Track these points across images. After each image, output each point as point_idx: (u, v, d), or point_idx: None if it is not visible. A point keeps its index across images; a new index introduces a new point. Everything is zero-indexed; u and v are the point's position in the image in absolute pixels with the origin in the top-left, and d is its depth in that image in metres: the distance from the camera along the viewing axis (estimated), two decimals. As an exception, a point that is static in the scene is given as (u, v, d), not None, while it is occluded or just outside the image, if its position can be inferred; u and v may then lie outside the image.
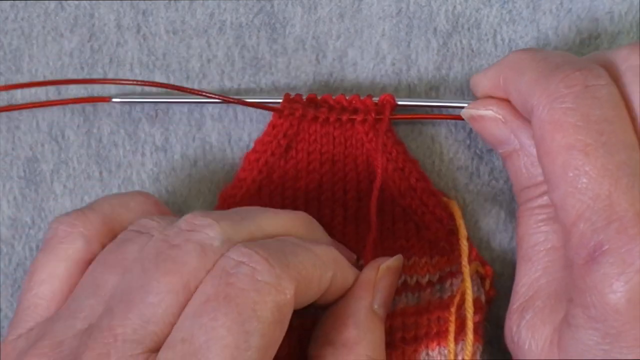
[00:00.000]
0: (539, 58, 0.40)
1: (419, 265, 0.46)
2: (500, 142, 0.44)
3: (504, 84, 0.42)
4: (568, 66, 0.39)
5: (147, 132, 0.49)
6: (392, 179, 0.46)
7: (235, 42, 0.49)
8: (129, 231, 0.40)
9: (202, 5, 0.49)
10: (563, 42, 0.48)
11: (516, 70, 0.41)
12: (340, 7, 0.49)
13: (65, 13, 0.49)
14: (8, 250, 0.49)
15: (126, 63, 0.49)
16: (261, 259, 0.36)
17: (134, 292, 0.36)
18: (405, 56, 0.49)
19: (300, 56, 0.49)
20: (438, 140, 0.48)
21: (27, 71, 0.49)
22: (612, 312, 0.35)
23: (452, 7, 0.49)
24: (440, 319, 0.43)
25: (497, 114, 0.43)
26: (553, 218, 0.42)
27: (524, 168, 0.43)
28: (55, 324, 0.38)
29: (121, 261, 0.39)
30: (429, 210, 0.46)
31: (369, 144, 0.46)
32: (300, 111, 0.46)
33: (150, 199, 0.43)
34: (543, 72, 0.39)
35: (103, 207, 0.42)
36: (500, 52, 0.48)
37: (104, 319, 0.36)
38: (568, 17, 0.48)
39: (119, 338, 0.35)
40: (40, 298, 0.39)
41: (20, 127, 0.49)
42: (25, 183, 0.49)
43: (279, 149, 0.46)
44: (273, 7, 0.49)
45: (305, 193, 0.46)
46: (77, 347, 0.36)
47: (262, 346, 0.35)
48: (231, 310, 0.35)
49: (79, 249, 0.40)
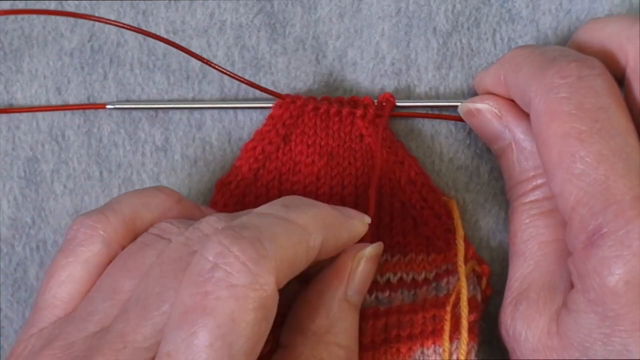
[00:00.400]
0: (536, 53, 0.41)
1: (416, 262, 0.46)
2: (495, 137, 0.44)
3: (504, 80, 0.43)
4: (563, 59, 0.39)
5: (147, 132, 0.49)
6: (392, 171, 0.46)
7: (235, 42, 0.49)
8: (148, 234, 0.40)
9: (202, 5, 0.49)
10: (562, 42, 0.48)
11: (514, 66, 0.42)
12: (340, 7, 0.49)
13: (65, 13, 0.49)
14: (8, 250, 0.49)
15: (126, 63, 0.49)
16: (235, 261, 0.35)
17: (150, 299, 0.36)
18: (405, 56, 0.49)
19: (300, 56, 0.49)
20: (438, 139, 0.49)
21: (27, 71, 0.49)
22: (610, 295, 0.35)
23: (451, 6, 0.49)
24: (436, 317, 0.43)
25: (492, 108, 0.44)
26: (545, 212, 0.43)
27: (517, 162, 0.43)
28: (69, 325, 0.38)
29: (139, 266, 0.38)
30: (427, 205, 0.46)
31: (369, 138, 0.46)
32: (301, 100, 0.46)
33: (173, 197, 0.43)
34: (539, 65, 0.40)
35: (123, 208, 0.41)
36: (500, 51, 0.48)
37: (118, 323, 0.36)
38: (567, 18, 0.49)
39: (129, 345, 0.35)
40: (57, 299, 0.40)
41: (20, 127, 0.49)
42: (25, 183, 0.49)
43: (276, 138, 0.46)
44: (273, 7, 0.49)
45: (304, 186, 0.46)
46: (88, 350, 0.36)
47: (247, 349, 0.35)
48: (210, 323, 0.34)
49: (98, 252, 0.40)
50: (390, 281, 0.46)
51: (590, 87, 0.38)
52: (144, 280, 0.37)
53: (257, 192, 0.46)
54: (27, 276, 0.49)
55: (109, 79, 0.49)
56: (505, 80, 0.43)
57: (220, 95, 0.49)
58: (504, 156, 0.44)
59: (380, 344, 0.43)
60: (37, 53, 0.49)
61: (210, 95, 0.49)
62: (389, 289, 0.46)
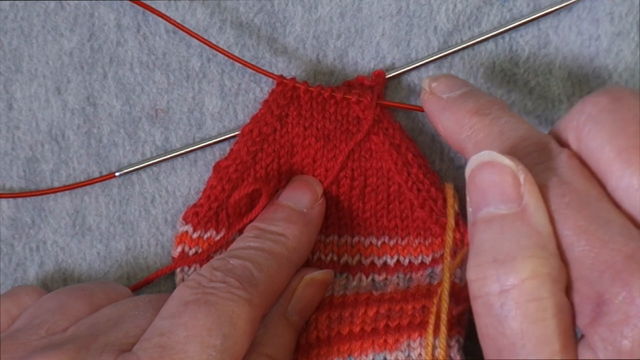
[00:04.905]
0: (495, 132, 0.40)
1: (413, 245, 0.46)
2: (505, 200, 0.37)
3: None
4: (521, 145, 0.39)
5: (147, 132, 0.49)
6: (388, 153, 0.46)
7: (235, 41, 0.49)
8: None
9: (202, 5, 0.49)
10: (563, 42, 0.48)
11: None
12: (341, 6, 0.49)
13: (65, 12, 0.49)
14: (8, 250, 0.49)
15: (126, 62, 0.49)
16: (234, 281, 0.40)
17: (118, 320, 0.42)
18: (406, 55, 0.49)
19: (301, 55, 0.49)
20: (438, 139, 0.48)
21: (27, 71, 0.49)
22: (629, 357, 0.34)
23: (452, 5, 0.49)
24: (425, 308, 0.44)
25: (518, 170, 0.37)
26: None
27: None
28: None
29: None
30: (424, 188, 0.46)
31: (365, 121, 0.46)
32: (293, 82, 0.46)
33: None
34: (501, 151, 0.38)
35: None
36: (501, 51, 0.48)
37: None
38: (568, 17, 0.49)
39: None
40: None
41: (20, 127, 0.49)
42: (25, 183, 0.49)
43: (271, 119, 0.46)
44: (273, 6, 0.49)
45: (301, 167, 0.47)
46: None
47: (234, 352, 0.38)
48: (211, 313, 0.38)
49: None
50: (387, 264, 0.46)
51: (549, 168, 0.37)
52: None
53: (256, 175, 0.46)
54: (27, 276, 0.49)
55: (108, 79, 0.49)
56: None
57: (220, 95, 0.49)
58: (493, 227, 0.37)
59: (369, 334, 0.43)
60: (36, 52, 0.49)
61: (211, 95, 0.49)
62: (386, 271, 0.46)
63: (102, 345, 0.38)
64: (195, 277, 0.41)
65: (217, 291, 0.39)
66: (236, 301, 0.39)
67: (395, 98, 0.49)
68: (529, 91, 0.49)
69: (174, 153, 0.48)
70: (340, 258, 0.47)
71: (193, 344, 0.37)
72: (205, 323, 0.38)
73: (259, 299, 0.40)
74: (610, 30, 0.48)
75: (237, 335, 0.38)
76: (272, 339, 0.43)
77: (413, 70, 0.49)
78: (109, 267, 0.49)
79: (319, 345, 0.44)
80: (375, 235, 0.47)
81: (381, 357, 0.43)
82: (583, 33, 0.49)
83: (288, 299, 0.44)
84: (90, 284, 0.46)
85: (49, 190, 0.48)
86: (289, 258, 0.44)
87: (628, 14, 0.48)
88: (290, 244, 0.44)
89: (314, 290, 0.45)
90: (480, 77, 0.49)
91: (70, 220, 0.49)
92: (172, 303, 0.39)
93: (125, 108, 0.49)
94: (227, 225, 0.47)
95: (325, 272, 0.46)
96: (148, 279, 0.47)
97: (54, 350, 0.38)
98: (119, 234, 0.49)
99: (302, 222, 0.45)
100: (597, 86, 0.48)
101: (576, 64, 0.49)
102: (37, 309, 0.43)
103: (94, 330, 0.40)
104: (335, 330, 0.44)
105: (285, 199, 0.46)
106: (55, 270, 0.49)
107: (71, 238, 0.49)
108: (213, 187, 0.47)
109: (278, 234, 0.44)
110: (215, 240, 0.46)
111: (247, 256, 0.42)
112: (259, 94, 0.49)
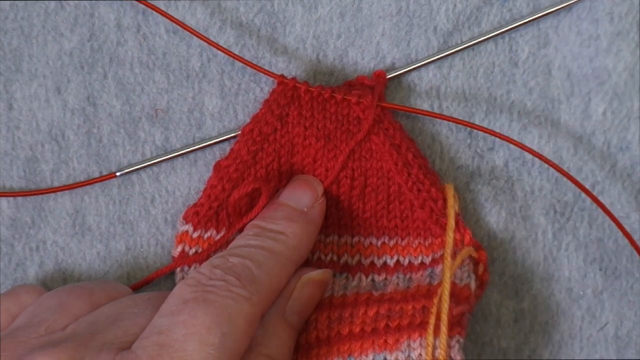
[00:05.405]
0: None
1: (412, 246, 0.46)
2: None
3: None
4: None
5: (147, 132, 0.49)
6: (389, 153, 0.46)
7: (235, 41, 0.49)
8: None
9: (202, 5, 0.49)
10: (563, 42, 0.48)
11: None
12: (341, 6, 0.49)
13: (65, 12, 0.49)
14: (8, 250, 0.49)
15: (126, 62, 0.49)
16: (233, 279, 0.40)
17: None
18: (406, 55, 0.49)
19: (301, 55, 0.49)
20: (438, 139, 0.48)
21: (27, 71, 0.49)
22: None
23: (452, 5, 0.49)
24: (425, 308, 0.44)
25: None
26: None
27: None
28: None
29: None
30: (425, 188, 0.46)
31: (365, 121, 0.46)
32: (294, 81, 0.46)
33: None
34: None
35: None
36: (501, 51, 0.48)
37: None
38: (568, 17, 0.49)
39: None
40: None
41: (20, 127, 0.49)
42: (25, 183, 0.49)
43: (272, 118, 0.46)
44: (273, 6, 0.49)
45: (302, 167, 0.47)
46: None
47: (233, 350, 0.38)
48: (210, 312, 0.38)
49: None
50: (387, 264, 0.46)
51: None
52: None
53: (257, 174, 0.46)
54: (27, 276, 0.49)
55: (108, 79, 0.49)
56: None
57: (220, 95, 0.49)
58: None
59: (369, 335, 0.43)
60: (36, 52, 0.49)
61: (211, 95, 0.49)
62: (385, 272, 0.46)
63: (101, 343, 0.39)
64: (195, 275, 0.41)
65: (217, 289, 0.39)
66: (235, 299, 0.39)
67: (395, 98, 0.49)
68: (529, 91, 0.49)
69: (174, 153, 0.48)
70: (340, 258, 0.47)
71: (192, 342, 0.37)
72: (204, 321, 0.38)
73: (259, 297, 0.40)
74: (610, 30, 0.48)
75: (236, 333, 0.38)
76: (271, 339, 0.43)
77: (413, 70, 0.49)
78: (109, 267, 0.49)
79: (319, 345, 0.44)
80: (375, 236, 0.47)
81: (381, 357, 0.43)
82: (583, 33, 0.49)
83: (286, 299, 0.44)
84: (90, 282, 0.46)
85: (49, 190, 0.48)
86: (289, 257, 0.44)
87: (628, 14, 0.48)
88: (291, 243, 0.44)
89: (312, 290, 0.45)
90: (480, 77, 0.49)
91: (70, 220, 0.49)
92: (171, 301, 0.40)
93: (125, 108, 0.49)
94: (227, 224, 0.47)
95: (324, 272, 0.46)
96: (148, 278, 0.48)
97: (53, 348, 0.38)
98: (119, 233, 0.49)
99: (303, 221, 0.45)
100: (597, 86, 0.48)
101: (576, 64, 0.49)
102: (37, 307, 0.43)
103: (93, 328, 0.40)
104: (335, 330, 0.44)
105: (285, 198, 0.46)
106: (55, 270, 0.49)
107: (71, 238, 0.49)
108: (213, 187, 0.47)
109: (278, 232, 0.44)
110: (215, 240, 0.46)
111: (247, 254, 0.42)
112: (259, 94, 0.49)
